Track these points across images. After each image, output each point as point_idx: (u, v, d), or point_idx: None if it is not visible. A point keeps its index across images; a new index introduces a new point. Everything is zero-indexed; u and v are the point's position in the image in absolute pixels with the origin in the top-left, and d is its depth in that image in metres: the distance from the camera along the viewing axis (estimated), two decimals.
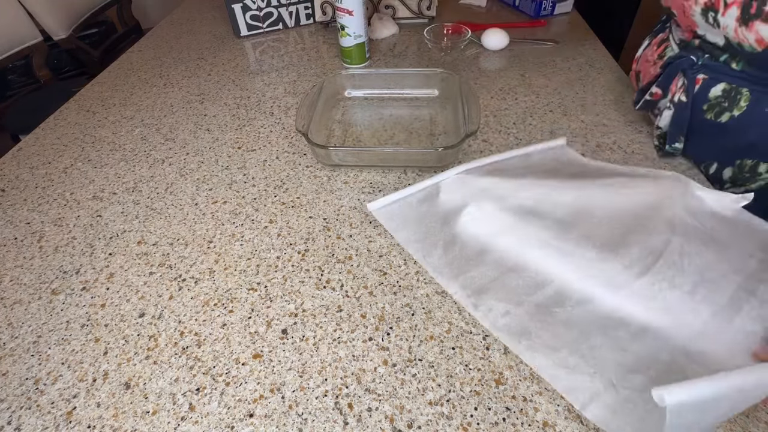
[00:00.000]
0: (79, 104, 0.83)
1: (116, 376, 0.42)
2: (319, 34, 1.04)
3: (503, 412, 0.38)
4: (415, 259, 0.50)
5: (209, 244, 0.54)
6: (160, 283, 0.50)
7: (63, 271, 0.52)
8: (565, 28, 0.99)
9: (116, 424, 0.39)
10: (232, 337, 0.44)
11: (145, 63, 0.97)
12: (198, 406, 0.39)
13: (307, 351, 0.43)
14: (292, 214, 0.57)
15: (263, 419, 0.38)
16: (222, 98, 0.82)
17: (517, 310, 0.43)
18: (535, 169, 0.58)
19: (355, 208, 0.57)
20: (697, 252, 0.44)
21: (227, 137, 0.72)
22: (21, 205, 0.62)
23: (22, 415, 0.40)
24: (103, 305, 0.48)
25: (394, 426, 0.37)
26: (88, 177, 0.66)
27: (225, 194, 0.61)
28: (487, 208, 0.51)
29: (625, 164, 0.59)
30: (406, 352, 0.42)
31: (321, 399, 0.39)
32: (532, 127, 0.69)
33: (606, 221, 0.49)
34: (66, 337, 0.45)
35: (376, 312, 0.45)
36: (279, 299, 0.47)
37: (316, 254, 0.52)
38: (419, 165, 0.62)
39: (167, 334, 0.45)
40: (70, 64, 1.96)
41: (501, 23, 0.97)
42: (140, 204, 0.61)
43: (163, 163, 0.67)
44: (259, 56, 0.97)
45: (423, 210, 0.55)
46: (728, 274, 0.42)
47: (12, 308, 0.49)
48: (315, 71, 0.89)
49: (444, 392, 0.39)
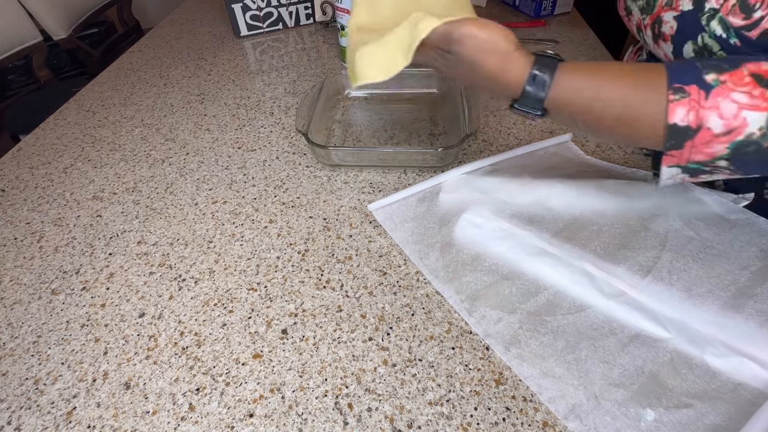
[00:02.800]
0: (79, 104, 0.83)
1: (116, 376, 0.42)
2: (319, 34, 1.04)
3: (503, 412, 0.38)
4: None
5: (209, 244, 0.54)
6: (160, 283, 0.50)
7: (63, 271, 0.52)
8: (565, 28, 0.99)
9: (116, 424, 0.39)
10: (232, 337, 0.44)
11: (145, 63, 0.97)
12: (198, 406, 0.39)
13: (307, 351, 0.43)
14: (292, 214, 0.57)
15: (263, 419, 0.38)
16: (222, 98, 0.82)
17: (510, 317, 0.43)
18: (536, 167, 0.58)
19: (355, 208, 0.57)
20: (685, 268, 0.44)
21: (227, 137, 0.72)
22: (21, 205, 0.62)
23: (22, 415, 0.40)
24: (103, 305, 0.48)
25: (394, 426, 0.37)
26: (88, 177, 0.66)
27: (225, 194, 0.61)
28: (485, 215, 0.51)
29: (625, 164, 0.59)
30: (406, 352, 0.42)
31: (321, 399, 0.39)
32: (532, 127, 0.69)
33: (606, 229, 0.49)
34: (66, 337, 0.45)
35: (376, 312, 0.45)
36: (279, 299, 0.47)
37: (316, 254, 0.52)
38: (419, 165, 0.62)
39: (167, 334, 0.45)
40: (70, 64, 1.96)
41: (501, 23, 0.97)
42: (140, 204, 0.61)
43: (163, 163, 0.67)
44: (259, 56, 0.97)
45: (422, 210, 0.55)
46: (715, 291, 0.42)
47: (12, 308, 0.49)
48: (315, 71, 0.89)
49: (444, 392, 0.39)
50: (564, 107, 0.42)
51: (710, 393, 0.36)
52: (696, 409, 0.36)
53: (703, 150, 0.37)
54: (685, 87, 0.37)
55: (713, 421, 0.35)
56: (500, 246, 0.49)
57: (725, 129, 0.36)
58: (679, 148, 0.38)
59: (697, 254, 0.46)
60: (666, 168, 0.40)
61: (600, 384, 0.38)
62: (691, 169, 0.39)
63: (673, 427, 0.35)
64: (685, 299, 0.42)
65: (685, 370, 0.38)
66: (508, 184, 0.55)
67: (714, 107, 0.36)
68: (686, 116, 0.37)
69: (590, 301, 0.43)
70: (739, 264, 0.44)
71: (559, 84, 0.41)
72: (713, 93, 0.36)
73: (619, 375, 0.38)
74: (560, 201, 0.52)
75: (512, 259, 0.48)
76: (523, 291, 0.45)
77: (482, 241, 0.50)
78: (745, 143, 0.36)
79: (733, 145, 0.36)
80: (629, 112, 0.39)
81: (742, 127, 0.35)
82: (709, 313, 0.40)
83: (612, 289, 0.43)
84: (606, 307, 0.43)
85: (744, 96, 0.35)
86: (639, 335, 0.41)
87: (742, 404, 0.35)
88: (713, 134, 0.36)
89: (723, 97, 0.36)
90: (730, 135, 0.36)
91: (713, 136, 0.36)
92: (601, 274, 0.44)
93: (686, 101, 0.36)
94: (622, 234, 0.48)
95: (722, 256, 0.45)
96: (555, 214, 0.51)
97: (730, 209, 0.50)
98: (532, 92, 0.42)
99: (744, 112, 0.35)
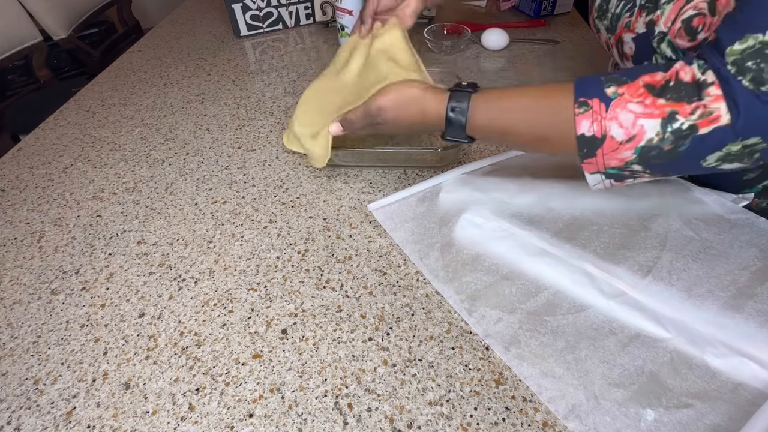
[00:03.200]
0: (79, 104, 0.83)
1: (116, 376, 0.42)
2: (319, 34, 1.04)
3: (503, 412, 0.38)
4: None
5: (209, 244, 0.54)
6: (159, 283, 0.50)
7: (63, 271, 0.52)
8: (565, 28, 0.99)
9: (116, 424, 0.39)
10: (232, 337, 0.44)
11: (145, 63, 0.97)
12: (198, 406, 0.39)
13: (307, 351, 0.43)
14: (292, 214, 0.57)
15: (263, 419, 0.38)
16: (222, 98, 0.82)
17: (510, 317, 0.43)
18: (536, 167, 0.58)
19: (355, 208, 0.57)
20: (685, 268, 0.45)
21: (227, 137, 0.72)
22: (21, 205, 0.62)
23: (22, 415, 0.40)
24: (103, 305, 0.48)
25: (393, 426, 0.37)
26: (88, 177, 0.66)
27: (225, 194, 0.61)
28: (485, 215, 0.51)
29: None
30: (406, 352, 0.42)
31: (321, 399, 0.39)
32: None
33: (606, 229, 0.49)
34: (66, 337, 0.45)
35: (375, 312, 0.45)
36: (279, 299, 0.47)
37: (316, 254, 0.52)
38: (419, 165, 0.62)
39: (167, 334, 0.45)
40: (70, 64, 1.96)
41: (501, 23, 0.97)
42: (140, 204, 0.61)
43: (163, 163, 0.67)
44: (259, 56, 0.97)
45: (422, 210, 0.55)
46: (715, 291, 0.42)
47: (12, 308, 0.49)
48: (315, 71, 0.89)
49: (444, 392, 0.39)
50: (485, 132, 0.46)
51: (710, 393, 0.36)
52: (696, 409, 0.36)
53: (614, 156, 0.40)
54: (588, 101, 0.39)
55: (713, 421, 0.35)
56: (500, 246, 0.49)
57: (626, 137, 0.38)
58: (592, 156, 0.40)
59: (697, 254, 0.46)
60: (589, 175, 0.42)
61: (600, 384, 0.38)
62: (612, 174, 0.41)
63: (673, 427, 0.35)
64: (685, 299, 0.42)
65: (685, 370, 0.38)
66: (508, 184, 0.55)
67: (614, 118, 0.38)
68: (591, 127, 0.39)
69: (590, 301, 0.43)
70: (738, 264, 0.44)
71: (475, 113, 0.45)
72: (612, 105, 0.38)
73: (619, 375, 0.38)
74: (560, 201, 0.52)
75: (512, 259, 0.48)
76: (523, 291, 0.45)
77: (482, 241, 0.50)
78: (647, 148, 0.38)
79: (637, 150, 0.38)
80: (541, 132, 0.43)
81: (641, 134, 0.38)
82: (709, 313, 0.40)
83: (612, 289, 0.43)
84: (606, 307, 0.43)
85: (638, 106, 0.38)
86: (639, 335, 0.41)
87: (742, 404, 0.35)
88: (617, 142, 0.39)
89: (621, 108, 0.38)
90: (633, 142, 0.38)
91: (618, 143, 0.39)
92: (601, 274, 0.44)
93: (589, 113, 0.39)
94: (622, 234, 0.48)
95: (722, 256, 0.45)
96: (555, 214, 0.51)
97: (730, 209, 0.50)
98: (454, 120, 0.46)
99: (640, 120, 0.37)
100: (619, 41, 0.53)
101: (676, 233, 0.48)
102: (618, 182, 0.43)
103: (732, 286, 0.42)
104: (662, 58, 0.47)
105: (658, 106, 0.37)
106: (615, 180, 0.42)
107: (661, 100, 0.37)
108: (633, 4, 0.50)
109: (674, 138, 0.37)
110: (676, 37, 0.45)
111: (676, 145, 0.37)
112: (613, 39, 0.54)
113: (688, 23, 0.43)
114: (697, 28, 0.43)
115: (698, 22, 0.42)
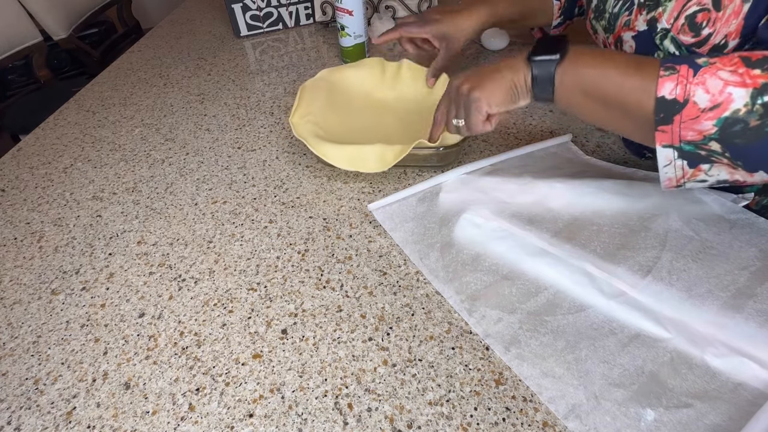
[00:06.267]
0: (79, 104, 0.83)
1: (116, 376, 0.42)
2: (319, 34, 1.04)
3: (503, 412, 0.38)
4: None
5: (209, 244, 0.54)
6: (159, 283, 0.50)
7: (63, 271, 0.52)
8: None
9: (116, 424, 0.39)
10: (232, 337, 0.44)
11: (145, 63, 0.97)
12: (198, 406, 0.39)
13: (307, 351, 0.43)
14: (292, 214, 0.57)
15: (263, 419, 0.38)
16: (222, 98, 0.82)
17: (510, 317, 0.43)
18: (536, 167, 0.58)
19: (355, 208, 0.57)
20: (685, 268, 0.44)
21: (227, 137, 0.72)
22: (21, 205, 0.62)
23: (22, 415, 0.40)
24: (103, 305, 0.48)
25: (393, 426, 0.37)
26: (88, 177, 0.66)
27: (225, 194, 0.61)
28: (485, 215, 0.51)
29: (625, 164, 0.59)
30: (406, 352, 0.42)
31: (321, 399, 0.39)
32: (532, 127, 0.69)
33: (606, 229, 0.49)
34: (66, 337, 0.45)
35: (375, 312, 0.45)
36: (279, 299, 0.47)
37: (316, 254, 0.52)
38: (419, 165, 0.62)
39: (167, 334, 0.45)
40: (70, 64, 1.96)
41: None
42: (140, 204, 0.61)
43: (163, 163, 0.67)
44: (259, 56, 0.97)
45: (422, 210, 0.55)
46: (715, 291, 0.42)
47: (12, 308, 0.49)
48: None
49: (444, 392, 0.39)
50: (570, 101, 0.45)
51: (710, 393, 0.36)
52: (696, 409, 0.36)
53: (692, 126, 0.37)
54: (676, 66, 0.38)
55: (713, 421, 0.35)
56: (500, 246, 0.49)
57: (711, 104, 0.36)
58: (669, 122, 0.38)
59: (697, 254, 0.46)
60: (661, 148, 0.40)
61: (600, 384, 0.38)
62: (686, 152, 0.39)
63: (673, 427, 0.35)
64: (685, 299, 0.42)
65: (685, 370, 0.38)
66: (508, 184, 0.55)
67: (701, 83, 0.36)
68: (674, 89, 0.37)
69: (590, 301, 0.43)
70: (738, 264, 0.44)
71: (560, 87, 0.44)
72: (701, 71, 0.37)
73: (619, 375, 0.38)
74: (560, 201, 0.52)
75: (512, 259, 0.48)
76: (523, 291, 0.45)
77: (482, 241, 0.50)
78: (732, 120, 0.36)
79: (719, 121, 0.36)
80: (623, 94, 0.41)
81: (727, 102, 0.36)
82: (709, 313, 0.40)
83: (612, 289, 0.43)
84: (606, 307, 0.43)
85: (729, 74, 0.36)
86: (639, 335, 0.41)
87: (742, 404, 0.35)
88: (699, 108, 0.37)
89: (710, 74, 0.36)
90: (716, 110, 0.36)
91: (700, 110, 0.37)
92: (601, 274, 0.44)
93: (675, 77, 0.37)
94: (622, 234, 0.48)
95: (722, 256, 0.45)
96: (555, 214, 0.51)
97: (730, 209, 0.49)
98: (540, 96, 0.46)
99: (729, 87, 0.35)
100: (618, 40, 0.52)
101: (676, 233, 0.48)
102: (692, 168, 0.39)
103: (732, 286, 0.42)
104: (665, 56, 0.46)
105: (752, 76, 0.35)
106: (689, 164, 0.39)
107: (756, 70, 0.35)
108: (631, 3, 0.50)
109: (764, 112, 0.34)
110: (680, 33, 0.44)
111: (763, 122, 0.34)
112: (612, 38, 0.54)
113: (692, 19, 0.43)
114: (701, 24, 0.42)
115: (702, 17, 0.42)
